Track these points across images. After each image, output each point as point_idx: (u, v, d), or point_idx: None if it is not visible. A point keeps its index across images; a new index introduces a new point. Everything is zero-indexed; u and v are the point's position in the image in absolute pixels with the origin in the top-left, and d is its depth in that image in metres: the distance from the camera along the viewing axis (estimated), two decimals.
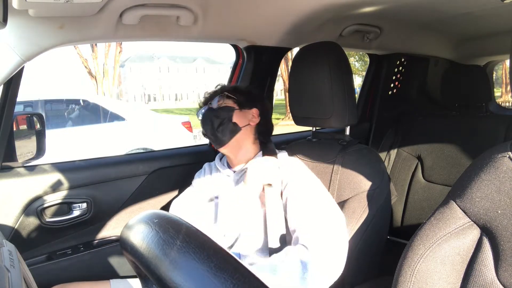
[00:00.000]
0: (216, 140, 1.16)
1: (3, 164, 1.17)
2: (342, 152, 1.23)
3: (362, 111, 2.08)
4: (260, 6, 1.22)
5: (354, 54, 14.62)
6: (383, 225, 1.22)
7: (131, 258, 0.41)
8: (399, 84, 2.11)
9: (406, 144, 1.85)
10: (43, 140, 1.25)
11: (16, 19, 0.92)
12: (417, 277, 0.67)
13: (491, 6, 1.39)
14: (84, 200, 1.29)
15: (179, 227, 0.39)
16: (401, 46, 1.95)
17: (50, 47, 1.02)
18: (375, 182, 1.15)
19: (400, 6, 1.41)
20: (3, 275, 0.53)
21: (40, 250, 1.24)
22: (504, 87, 19.80)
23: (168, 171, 1.45)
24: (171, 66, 49.19)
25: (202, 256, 0.34)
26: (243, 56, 1.53)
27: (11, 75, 1.00)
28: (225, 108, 1.17)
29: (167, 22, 1.17)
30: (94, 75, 16.18)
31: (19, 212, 1.18)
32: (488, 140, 1.63)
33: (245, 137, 1.18)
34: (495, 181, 0.63)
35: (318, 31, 1.46)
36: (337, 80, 1.20)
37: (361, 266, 1.16)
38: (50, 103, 4.69)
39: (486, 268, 0.63)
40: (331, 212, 1.00)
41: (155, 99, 45.40)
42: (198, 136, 6.34)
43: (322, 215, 0.98)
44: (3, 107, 1.11)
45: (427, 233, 0.69)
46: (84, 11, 0.97)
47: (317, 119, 1.27)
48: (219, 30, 1.32)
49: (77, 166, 1.32)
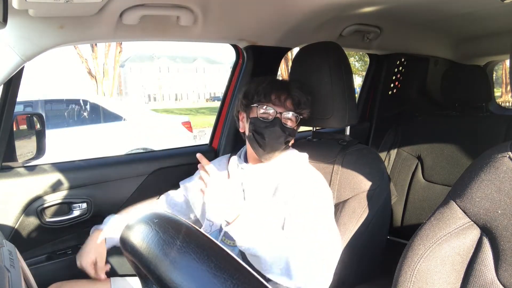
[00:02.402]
0: (268, 154, 1.09)
1: (3, 164, 1.17)
2: (342, 152, 1.23)
3: (362, 111, 2.08)
4: (260, 6, 1.22)
5: (354, 54, 14.61)
6: (383, 225, 1.22)
7: (131, 258, 0.41)
8: (399, 84, 2.11)
9: (406, 144, 1.85)
10: (43, 140, 1.25)
11: (16, 19, 0.92)
12: (417, 277, 0.67)
13: (491, 6, 1.39)
14: (84, 200, 1.29)
15: (179, 227, 0.39)
16: (401, 46, 1.95)
17: (50, 47, 1.02)
18: (375, 182, 1.15)
19: (400, 6, 1.41)
20: (3, 275, 0.53)
21: (40, 250, 1.24)
22: (504, 87, 19.80)
23: (168, 171, 1.45)
24: (171, 66, 49.20)
25: (202, 256, 0.34)
26: (243, 56, 1.53)
27: (11, 75, 1.00)
28: (293, 131, 1.11)
29: (167, 22, 1.17)
30: (94, 75, 16.17)
31: (19, 212, 1.18)
32: (488, 140, 1.63)
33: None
34: (495, 181, 0.63)
35: (318, 31, 1.46)
36: (337, 80, 1.20)
37: (361, 266, 1.16)
38: (50, 103, 4.69)
39: (486, 268, 0.63)
40: (328, 233, 0.98)
41: (155, 99, 45.39)
42: (198, 136, 6.34)
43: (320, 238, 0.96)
44: (3, 107, 1.11)
45: (427, 233, 0.69)
46: (84, 11, 0.97)
47: (317, 119, 1.27)
48: (219, 30, 1.32)
49: (77, 166, 1.32)
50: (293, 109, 1.09)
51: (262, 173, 1.12)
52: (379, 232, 1.20)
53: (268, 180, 1.10)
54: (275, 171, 1.11)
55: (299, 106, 1.10)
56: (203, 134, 9.42)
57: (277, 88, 1.10)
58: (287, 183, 1.06)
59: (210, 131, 1.70)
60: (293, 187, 1.04)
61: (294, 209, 1.00)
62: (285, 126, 1.08)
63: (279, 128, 1.07)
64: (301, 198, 1.01)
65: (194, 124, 5.31)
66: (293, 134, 1.11)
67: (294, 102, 1.09)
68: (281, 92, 1.09)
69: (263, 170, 1.13)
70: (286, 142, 1.10)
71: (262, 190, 1.09)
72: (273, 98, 1.08)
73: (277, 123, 1.07)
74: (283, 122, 1.08)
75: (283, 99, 1.09)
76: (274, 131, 1.07)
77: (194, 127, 5.46)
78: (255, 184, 1.11)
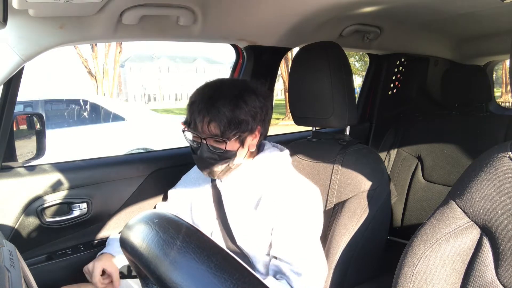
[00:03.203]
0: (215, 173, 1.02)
1: (3, 164, 1.17)
2: (342, 152, 1.23)
3: (362, 111, 2.08)
4: (260, 6, 1.22)
5: (354, 54, 14.62)
6: (383, 225, 1.22)
7: (131, 258, 0.41)
8: (399, 84, 2.11)
9: (406, 144, 1.85)
10: (43, 140, 1.25)
11: (16, 19, 0.92)
12: (417, 277, 0.67)
13: (491, 6, 1.39)
14: (84, 200, 1.28)
15: (179, 227, 0.39)
16: (401, 46, 1.95)
17: (50, 47, 1.02)
18: (375, 182, 1.15)
19: (400, 6, 1.41)
20: (3, 275, 0.53)
21: (40, 250, 1.24)
22: (504, 87, 19.81)
23: (168, 171, 1.45)
24: (171, 66, 49.18)
25: (202, 256, 0.34)
26: (243, 56, 1.53)
27: (11, 75, 1.00)
28: (226, 152, 0.98)
29: (167, 22, 1.17)
30: (94, 75, 16.17)
31: (19, 212, 1.18)
32: (488, 140, 1.63)
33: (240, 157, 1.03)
34: (495, 181, 0.63)
35: (318, 31, 1.45)
36: (337, 80, 1.20)
37: (361, 266, 1.16)
38: (50, 103, 4.69)
39: (486, 268, 0.63)
40: (313, 247, 0.99)
41: (155, 99, 45.39)
42: None
43: (307, 252, 0.97)
44: (3, 107, 1.11)
45: (427, 233, 0.69)
46: (84, 11, 0.97)
47: (317, 119, 1.27)
48: (219, 30, 1.32)
49: (77, 166, 1.32)
50: (219, 133, 0.95)
51: (242, 183, 1.06)
52: (379, 232, 1.20)
53: (249, 191, 1.04)
54: (256, 179, 1.05)
55: (224, 129, 0.94)
56: None
57: (199, 109, 0.96)
58: (269, 192, 1.01)
59: None
60: (276, 197, 0.99)
61: (279, 223, 0.98)
62: (213, 150, 0.98)
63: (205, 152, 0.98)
64: (285, 212, 0.98)
65: None
66: (229, 155, 0.98)
67: (217, 125, 0.94)
68: (202, 114, 0.95)
69: (242, 180, 1.06)
70: (226, 162, 0.99)
71: (243, 202, 1.04)
72: (197, 122, 0.96)
73: (202, 149, 0.98)
74: (213, 146, 0.98)
75: (205, 123, 0.95)
76: (201, 158, 0.99)
77: None
78: (235, 196, 1.06)
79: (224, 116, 0.94)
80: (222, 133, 0.95)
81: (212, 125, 0.95)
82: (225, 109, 0.94)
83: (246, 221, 1.02)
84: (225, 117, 0.94)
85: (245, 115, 0.96)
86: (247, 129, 0.97)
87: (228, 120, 0.94)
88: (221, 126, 0.94)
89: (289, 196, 1.00)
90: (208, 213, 1.10)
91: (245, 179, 1.06)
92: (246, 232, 1.02)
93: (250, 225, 1.01)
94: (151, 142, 4.55)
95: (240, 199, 1.05)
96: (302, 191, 1.02)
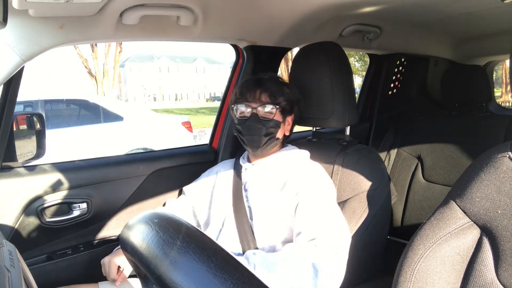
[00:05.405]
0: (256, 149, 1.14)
1: (3, 164, 1.17)
2: (342, 152, 1.23)
3: (362, 111, 2.08)
4: (260, 6, 1.22)
5: (354, 54, 14.61)
6: (383, 225, 1.22)
7: (131, 258, 0.41)
8: (399, 84, 2.11)
9: (406, 144, 1.85)
10: (43, 140, 1.25)
11: (16, 19, 0.92)
12: (417, 277, 0.67)
13: (491, 6, 1.39)
14: (84, 200, 1.28)
15: (179, 227, 0.39)
16: (401, 46, 1.95)
17: (50, 47, 1.02)
18: (375, 182, 1.15)
19: (400, 6, 1.41)
20: (3, 275, 0.53)
21: (40, 250, 1.24)
22: (504, 87, 19.80)
23: (168, 171, 1.45)
24: (171, 66, 49.20)
25: (202, 256, 0.34)
26: (243, 56, 1.53)
27: (11, 75, 1.00)
28: (273, 121, 1.13)
29: (167, 22, 1.17)
30: (94, 75, 16.18)
31: (19, 212, 1.18)
32: (488, 140, 1.63)
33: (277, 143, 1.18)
34: (495, 181, 0.63)
35: (318, 31, 1.45)
36: (337, 80, 1.20)
37: (361, 266, 1.16)
38: (50, 103, 4.68)
39: (486, 268, 0.63)
40: (338, 218, 1.03)
41: (155, 99, 45.39)
42: (198, 136, 6.34)
43: (331, 221, 1.01)
44: (3, 107, 1.11)
45: (427, 233, 0.69)
46: (84, 11, 0.97)
47: (317, 119, 1.27)
48: (219, 30, 1.32)
49: (77, 166, 1.32)
50: (270, 101, 1.12)
51: (267, 170, 1.16)
52: (379, 232, 1.20)
53: (274, 176, 1.13)
54: (280, 167, 1.15)
55: (275, 97, 1.12)
56: (203, 134, 9.43)
57: (251, 85, 1.15)
58: (295, 177, 1.10)
59: (210, 131, 1.70)
60: (301, 180, 1.08)
61: (304, 197, 1.05)
62: (262, 119, 1.12)
63: (254, 122, 1.11)
64: (310, 188, 1.06)
65: (194, 124, 5.31)
66: (275, 125, 1.13)
67: (269, 94, 1.13)
68: (254, 88, 1.13)
69: (267, 167, 1.16)
70: (270, 134, 1.12)
71: (269, 186, 1.12)
72: (248, 96, 1.13)
73: (252, 118, 1.12)
74: (262, 116, 1.12)
75: (257, 94, 1.13)
76: (250, 126, 1.12)
77: (194, 127, 5.45)
78: (260, 182, 1.15)
79: (273, 88, 1.13)
80: (272, 101, 1.13)
81: (263, 95, 1.13)
82: (273, 85, 1.14)
83: (270, 203, 1.10)
84: (274, 89, 1.13)
85: (288, 95, 1.15)
86: (289, 104, 1.16)
87: (277, 91, 1.13)
88: (271, 96, 1.12)
89: (311, 176, 1.10)
90: (225, 201, 1.18)
91: (271, 167, 1.16)
92: (268, 214, 1.09)
93: (274, 206, 1.08)
94: (151, 142, 4.56)
95: (265, 184, 1.13)
96: (322, 172, 1.14)
